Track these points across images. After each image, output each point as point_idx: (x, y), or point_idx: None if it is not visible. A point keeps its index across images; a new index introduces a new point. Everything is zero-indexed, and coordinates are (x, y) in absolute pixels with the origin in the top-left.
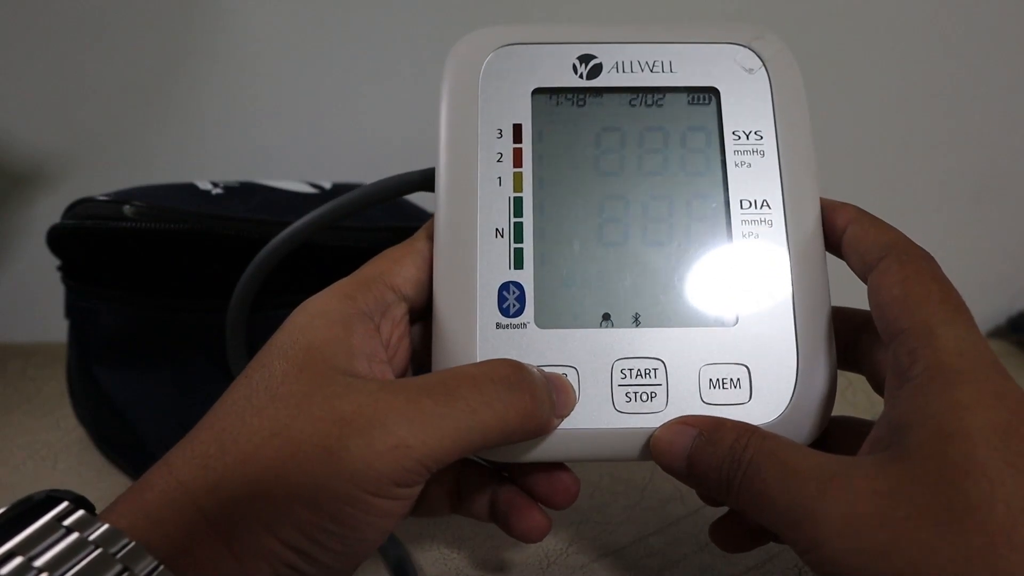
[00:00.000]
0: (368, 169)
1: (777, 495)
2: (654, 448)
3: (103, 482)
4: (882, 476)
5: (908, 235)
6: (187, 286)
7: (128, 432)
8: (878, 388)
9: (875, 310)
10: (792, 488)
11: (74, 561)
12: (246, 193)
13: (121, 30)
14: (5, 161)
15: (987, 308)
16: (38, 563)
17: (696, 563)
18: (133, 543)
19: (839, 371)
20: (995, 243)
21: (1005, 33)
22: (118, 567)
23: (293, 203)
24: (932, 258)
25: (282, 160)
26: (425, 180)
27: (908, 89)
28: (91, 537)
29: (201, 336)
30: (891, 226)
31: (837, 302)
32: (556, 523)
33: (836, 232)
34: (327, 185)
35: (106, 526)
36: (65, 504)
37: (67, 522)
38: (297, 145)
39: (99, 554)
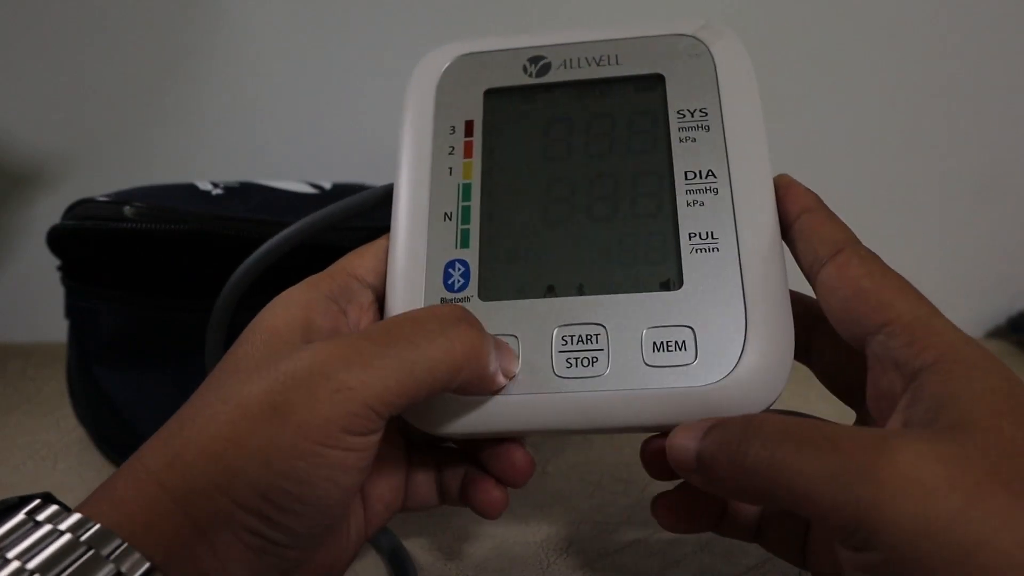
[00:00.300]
0: (368, 169)
1: (814, 461)
2: (668, 445)
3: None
4: (942, 443)
5: (907, 235)
6: (187, 286)
7: (128, 432)
8: (829, 382)
9: (839, 303)
10: (840, 451)
11: (42, 547)
12: (246, 193)
13: (121, 30)
14: (5, 161)
15: (987, 308)
16: (10, 554)
17: (696, 563)
18: (98, 526)
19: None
20: (995, 243)
21: (1005, 32)
22: (83, 548)
23: (293, 203)
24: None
25: (282, 160)
26: (389, 196)
27: (908, 89)
28: (60, 527)
29: (201, 336)
30: (845, 224)
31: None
32: (556, 523)
33: (788, 216)
34: (327, 185)
35: (76, 516)
36: (36, 502)
37: (39, 517)
38: (297, 145)
39: (67, 540)
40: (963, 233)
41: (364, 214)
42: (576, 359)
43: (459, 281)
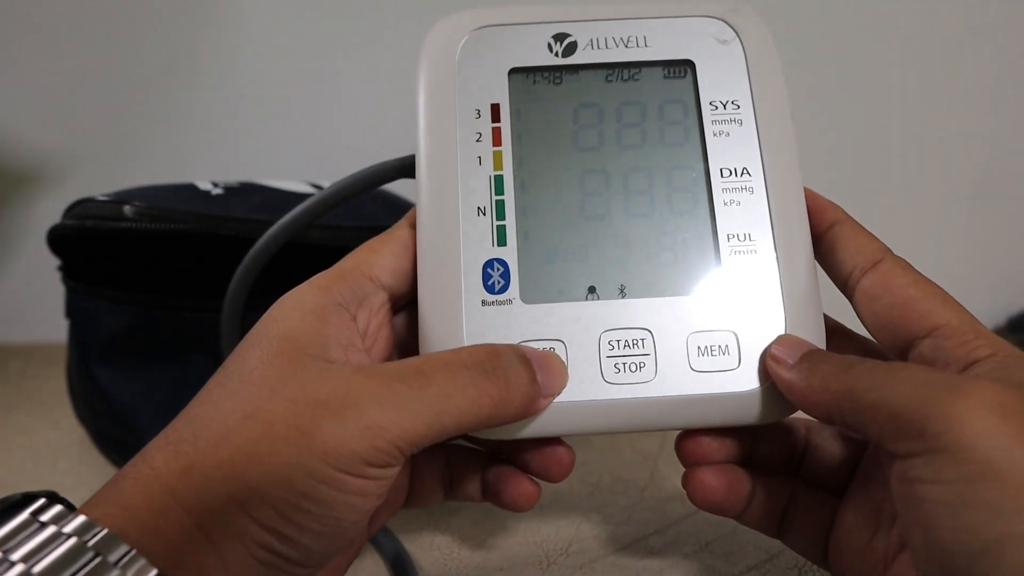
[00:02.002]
0: None
1: (910, 373)
2: (769, 360)
3: (103, 482)
4: (1021, 387)
5: (906, 235)
6: (187, 286)
7: (128, 432)
8: None
9: (884, 309)
10: (932, 369)
11: (48, 551)
12: (246, 193)
13: (121, 30)
14: (5, 161)
15: (987, 308)
16: (14, 556)
17: (696, 563)
18: (105, 531)
19: None
20: (995, 243)
21: (1005, 32)
22: (90, 554)
23: (293, 203)
24: None
25: (282, 160)
26: (404, 167)
27: (908, 88)
28: (66, 529)
29: (201, 336)
30: (873, 234)
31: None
32: (556, 523)
33: (818, 228)
34: (327, 185)
35: (81, 518)
36: (41, 501)
37: (43, 517)
38: (297, 145)
39: (73, 544)
40: (963, 233)
41: (381, 184)
42: (624, 364)
43: (499, 282)
